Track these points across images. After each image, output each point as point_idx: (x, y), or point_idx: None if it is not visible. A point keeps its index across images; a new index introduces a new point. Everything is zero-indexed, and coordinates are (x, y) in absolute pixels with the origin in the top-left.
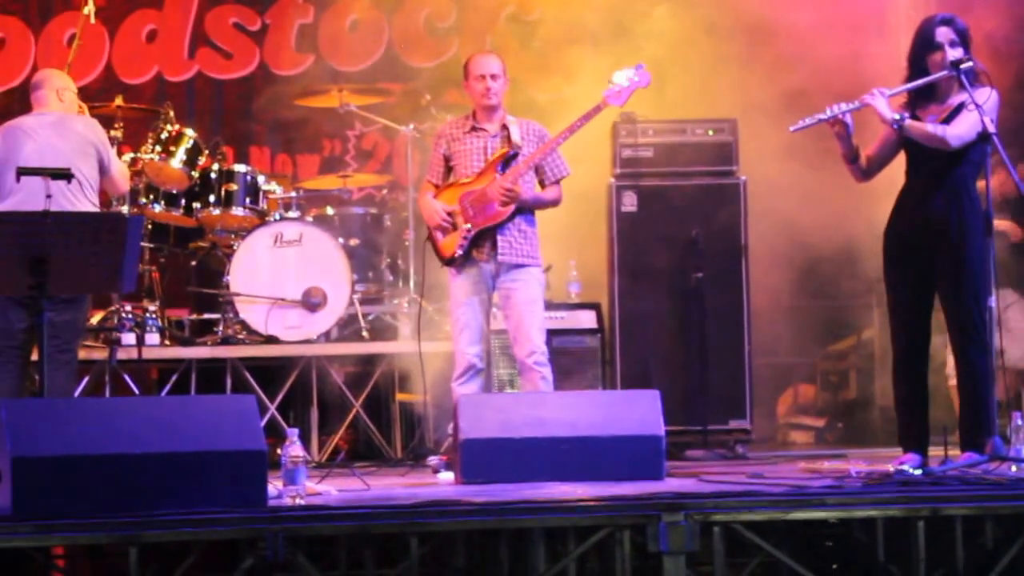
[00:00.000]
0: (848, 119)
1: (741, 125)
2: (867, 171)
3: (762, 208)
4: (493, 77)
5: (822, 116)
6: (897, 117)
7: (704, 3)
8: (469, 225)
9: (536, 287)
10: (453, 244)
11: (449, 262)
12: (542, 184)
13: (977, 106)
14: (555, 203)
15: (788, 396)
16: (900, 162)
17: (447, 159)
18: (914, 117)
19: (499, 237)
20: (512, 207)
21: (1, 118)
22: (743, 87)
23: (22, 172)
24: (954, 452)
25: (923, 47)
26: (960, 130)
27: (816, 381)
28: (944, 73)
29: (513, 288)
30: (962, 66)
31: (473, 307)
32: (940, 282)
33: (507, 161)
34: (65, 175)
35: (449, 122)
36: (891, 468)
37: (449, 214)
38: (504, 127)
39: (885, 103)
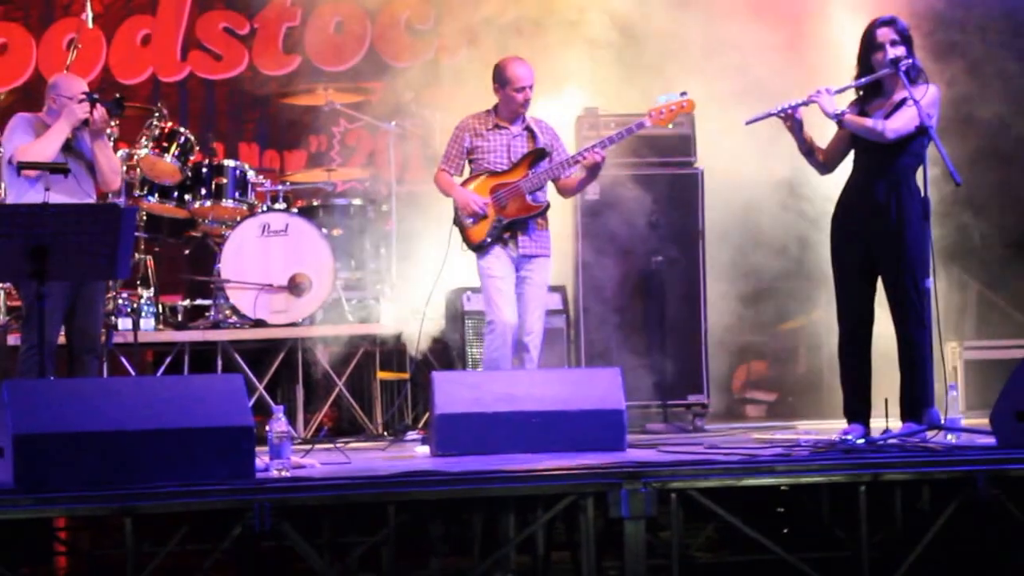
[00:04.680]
0: (798, 114)
1: (699, 117)
2: (825, 164)
3: (718, 196)
4: (531, 88)
5: (773, 111)
6: (838, 112)
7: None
8: (501, 216)
9: (547, 276)
10: (483, 231)
11: (477, 247)
12: (556, 181)
13: (915, 101)
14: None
15: (742, 372)
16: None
17: (469, 152)
18: (863, 112)
19: (522, 229)
20: (543, 204)
21: (3, 117)
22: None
23: (22, 167)
24: (894, 423)
25: (867, 47)
26: (897, 124)
27: (768, 358)
28: (885, 71)
29: (527, 275)
30: (900, 64)
31: (507, 281)
32: (882, 265)
33: (537, 159)
34: (62, 169)
35: (470, 117)
36: (836, 438)
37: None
38: (528, 127)
39: (829, 99)
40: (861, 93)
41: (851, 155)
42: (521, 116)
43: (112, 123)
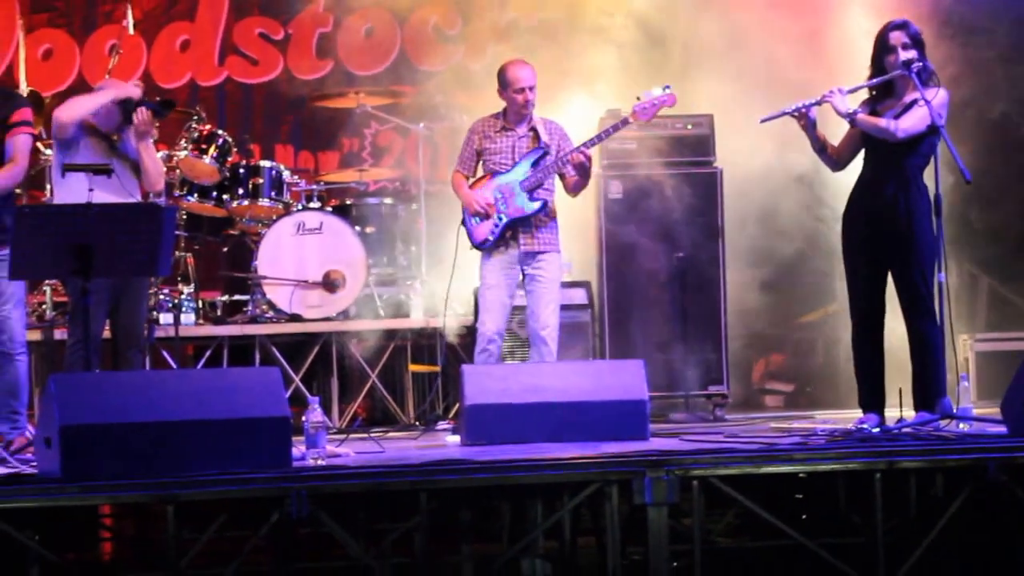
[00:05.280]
0: (811, 113)
1: (718, 118)
2: (838, 161)
3: (738, 193)
4: (531, 89)
5: (787, 109)
6: (850, 111)
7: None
8: (501, 215)
9: (556, 271)
10: (485, 231)
11: (480, 246)
12: (562, 177)
13: (927, 102)
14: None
15: (761, 364)
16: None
17: (479, 154)
18: (874, 112)
19: (525, 227)
20: (540, 202)
21: (48, 122)
22: (720, 82)
23: (67, 168)
24: (908, 413)
25: (880, 50)
26: (907, 123)
27: (786, 350)
28: (897, 72)
29: (535, 271)
30: (912, 66)
31: (500, 290)
32: (891, 260)
33: (537, 159)
34: (105, 170)
35: (481, 120)
36: (852, 427)
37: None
38: (532, 128)
39: (842, 99)
40: (874, 93)
41: (862, 153)
42: (526, 117)
43: (156, 124)
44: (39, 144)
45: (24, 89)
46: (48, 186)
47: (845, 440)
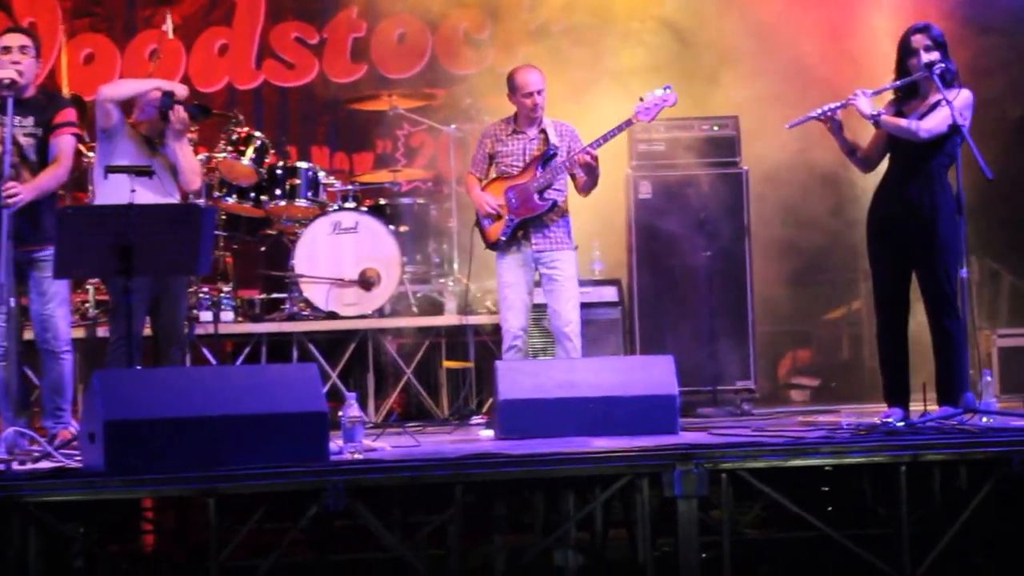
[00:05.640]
0: (837, 116)
1: (745, 117)
2: (867, 162)
3: (765, 191)
4: (539, 93)
5: (813, 114)
6: (874, 113)
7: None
8: (512, 215)
9: (571, 268)
10: (497, 231)
11: (493, 246)
12: (573, 177)
13: (948, 102)
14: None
15: (787, 359)
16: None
17: (491, 157)
18: (899, 113)
19: (536, 227)
20: (549, 203)
21: (91, 126)
22: (747, 82)
23: (110, 170)
24: (932, 406)
25: (903, 53)
26: (930, 124)
27: (812, 346)
28: (919, 74)
29: (550, 270)
30: (934, 67)
31: (519, 287)
32: (915, 258)
33: (546, 159)
34: (146, 172)
35: (493, 124)
36: (877, 421)
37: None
38: (542, 130)
39: (866, 102)
40: (899, 95)
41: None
42: (536, 120)
43: (192, 128)
44: (81, 146)
45: (66, 93)
46: (90, 187)
47: (871, 434)
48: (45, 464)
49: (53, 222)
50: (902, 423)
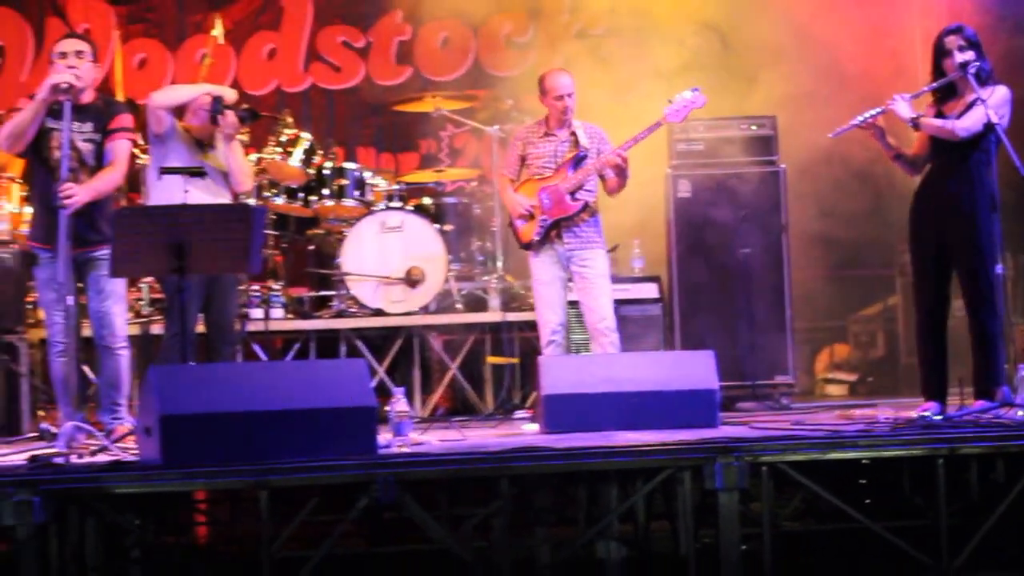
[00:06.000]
0: (878, 122)
1: (783, 115)
2: (915, 165)
3: (801, 192)
4: (570, 96)
5: (854, 122)
6: (913, 116)
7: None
8: (545, 216)
9: (603, 265)
10: (531, 231)
11: (527, 246)
12: (603, 179)
13: (982, 101)
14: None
15: (825, 355)
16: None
17: (522, 158)
18: (939, 113)
19: (568, 227)
20: (581, 203)
21: (143, 129)
22: (785, 82)
23: (164, 171)
24: (968, 401)
25: (938, 54)
26: (967, 123)
27: (849, 341)
28: (954, 75)
29: (582, 268)
30: (968, 67)
31: (554, 285)
32: (954, 254)
33: (577, 161)
34: (199, 172)
35: (525, 126)
36: (915, 414)
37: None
38: (572, 132)
39: (905, 105)
40: (938, 96)
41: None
42: (566, 123)
43: (242, 130)
44: (135, 149)
45: (120, 97)
46: (143, 189)
47: (909, 428)
48: (102, 457)
49: (109, 223)
50: (939, 417)
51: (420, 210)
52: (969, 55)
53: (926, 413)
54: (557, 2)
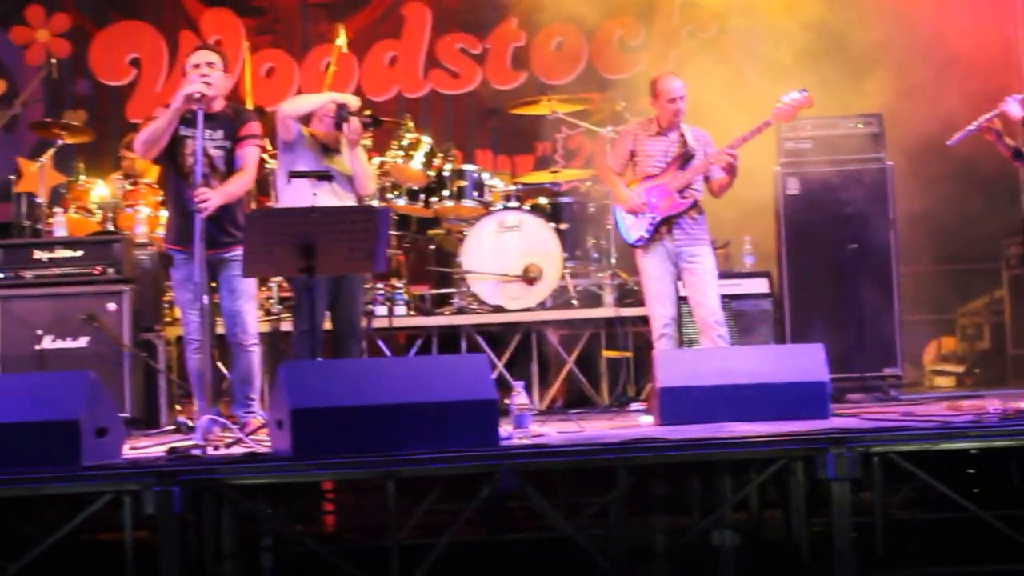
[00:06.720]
0: (993, 125)
1: (890, 112)
2: None
3: (908, 188)
4: (681, 99)
5: (971, 127)
6: None
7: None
8: (655, 213)
9: (710, 260)
10: (640, 228)
11: (636, 244)
12: (707, 180)
13: None
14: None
15: (933, 347)
16: None
17: (632, 153)
18: None
19: (676, 224)
20: (690, 201)
21: (271, 135)
22: (893, 77)
23: (293, 175)
24: None
25: None
26: None
27: (956, 334)
28: None
29: (691, 264)
30: None
31: (664, 280)
32: None
33: (686, 160)
34: (326, 176)
35: (636, 124)
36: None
37: None
38: (681, 134)
39: (1017, 106)
40: None
41: None
42: (676, 124)
43: (366, 135)
44: (263, 155)
45: (249, 105)
46: (272, 192)
47: (1018, 418)
48: (237, 449)
49: (240, 225)
50: None
51: (536, 210)
52: None
53: None
54: (669, 4)
